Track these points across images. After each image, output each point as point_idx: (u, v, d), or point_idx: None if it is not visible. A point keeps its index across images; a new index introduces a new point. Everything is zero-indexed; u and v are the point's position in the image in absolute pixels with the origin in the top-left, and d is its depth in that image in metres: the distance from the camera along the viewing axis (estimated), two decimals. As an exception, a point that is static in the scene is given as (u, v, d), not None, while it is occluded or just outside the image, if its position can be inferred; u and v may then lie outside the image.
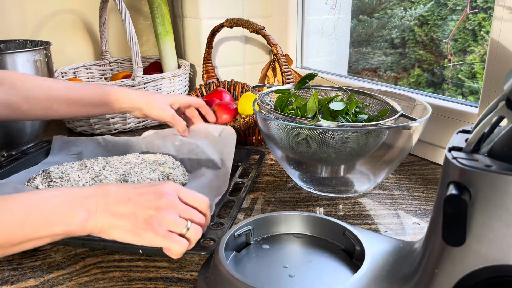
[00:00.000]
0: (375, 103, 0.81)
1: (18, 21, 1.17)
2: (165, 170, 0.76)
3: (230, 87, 1.19)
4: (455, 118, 0.84)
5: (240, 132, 0.97)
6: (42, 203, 0.45)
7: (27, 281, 0.55)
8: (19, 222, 0.43)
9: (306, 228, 0.61)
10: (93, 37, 1.30)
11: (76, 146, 0.90)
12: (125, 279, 0.55)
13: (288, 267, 0.54)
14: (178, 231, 0.51)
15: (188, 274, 0.56)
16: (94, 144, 0.90)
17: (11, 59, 0.86)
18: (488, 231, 0.38)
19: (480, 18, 1.19)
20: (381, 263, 0.50)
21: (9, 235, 0.42)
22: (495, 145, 0.40)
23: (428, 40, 1.34)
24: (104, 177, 0.72)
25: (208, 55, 1.17)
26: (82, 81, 1.11)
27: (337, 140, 0.68)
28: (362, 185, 0.78)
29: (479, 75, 1.20)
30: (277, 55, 0.97)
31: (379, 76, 1.46)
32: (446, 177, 0.40)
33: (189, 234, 0.52)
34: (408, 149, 0.71)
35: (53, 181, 0.72)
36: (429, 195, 0.76)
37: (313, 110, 0.73)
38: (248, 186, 0.74)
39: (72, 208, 0.47)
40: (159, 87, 1.13)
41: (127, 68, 1.35)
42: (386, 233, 0.65)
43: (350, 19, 1.31)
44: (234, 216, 0.65)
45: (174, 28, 1.33)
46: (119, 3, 1.00)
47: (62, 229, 0.46)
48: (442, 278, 0.41)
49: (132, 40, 1.01)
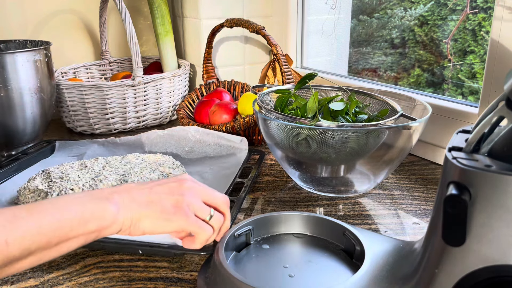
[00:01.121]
0: (375, 103, 0.81)
1: (18, 21, 1.17)
2: (165, 170, 0.76)
3: (230, 87, 1.19)
4: (455, 118, 0.84)
5: (240, 132, 0.97)
6: (72, 203, 0.44)
7: (27, 281, 0.55)
8: (56, 221, 0.42)
9: (306, 228, 0.61)
10: (93, 37, 1.30)
11: (78, 148, 0.93)
12: (125, 279, 0.55)
13: (288, 267, 0.54)
14: (203, 217, 0.51)
15: (188, 274, 0.56)
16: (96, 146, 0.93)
17: (11, 59, 0.86)
18: (488, 231, 0.38)
19: (480, 18, 1.19)
20: (381, 263, 0.50)
21: (49, 234, 0.41)
22: (495, 145, 0.40)
23: (428, 40, 1.34)
24: (104, 177, 0.72)
25: (208, 55, 1.17)
26: (82, 81, 1.11)
27: (337, 140, 0.67)
28: (362, 185, 0.78)
29: (479, 75, 1.20)
30: (277, 55, 0.97)
31: (379, 76, 1.46)
32: (446, 177, 0.40)
33: (213, 222, 0.51)
34: (408, 149, 0.71)
35: (53, 181, 0.71)
36: (429, 195, 0.76)
37: (313, 110, 0.73)
38: (248, 186, 0.74)
39: (101, 204, 0.46)
40: (159, 87, 1.13)
41: (127, 68, 1.35)
42: (386, 233, 0.65)
43: (350, 19, 1.31)
44: (234, 217, 0.65)
45: (174, 28, 1.33)
46: (119, 3, 1.00)
47: (96, 225, 0.45)
48: (442, 278, 0.41)
49: (132, 40, 1.01)
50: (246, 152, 0.86)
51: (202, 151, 0.88)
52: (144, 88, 1.10)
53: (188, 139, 0.90)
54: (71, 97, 1.06)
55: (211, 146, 0.88)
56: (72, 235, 0.43)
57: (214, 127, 0.97)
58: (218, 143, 0.88)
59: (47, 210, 0.42)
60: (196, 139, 0.89)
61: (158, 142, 0.91)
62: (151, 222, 0.49)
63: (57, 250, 0.43)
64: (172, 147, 0.90)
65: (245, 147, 0.86)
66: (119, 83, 1.06)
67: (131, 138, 0.93)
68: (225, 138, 0.88)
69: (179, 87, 1.19)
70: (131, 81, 1.06)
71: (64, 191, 0.69)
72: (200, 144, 0.89)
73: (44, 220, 0.41)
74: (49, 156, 0.90)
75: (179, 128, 0.91)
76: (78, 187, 0.69)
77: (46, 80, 0.94)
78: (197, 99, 1.18)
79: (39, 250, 0.41)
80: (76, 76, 1.24)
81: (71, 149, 0.93)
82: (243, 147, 0.87)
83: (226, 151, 0.87)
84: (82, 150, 0.92)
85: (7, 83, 0.86)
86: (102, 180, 0.71)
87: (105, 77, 1.31)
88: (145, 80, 1.09)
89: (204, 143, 0.89)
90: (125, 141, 0.93)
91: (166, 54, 1.21)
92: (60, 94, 1.06)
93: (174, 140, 0.90)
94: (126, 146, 0.92)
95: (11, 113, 0.88)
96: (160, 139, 0.91)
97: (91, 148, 0.93)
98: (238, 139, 0.88)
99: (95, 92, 1.05)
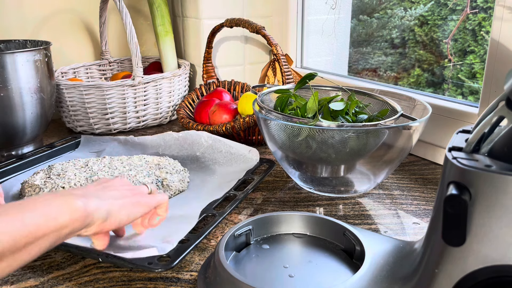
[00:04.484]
0: (375, 103, 0.81)
1: (18, 21, 1.17)
2: (161, 175, 0.75)
3: (230, 87, 1.19)
4: (455, 118, 0.84)
5: (240, 132, 0.97)
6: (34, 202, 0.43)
7: (27, 281, 0.55)
8: (19, 221, 0.40)
9: (306, 228, 0.61)
10: (93, 37, 1.29)
11: (100, 144, 0.96)
12: (125, 279, 0.55)
13: (288, 267, 0.54)
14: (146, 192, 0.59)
15: (188, 274, 0.56)
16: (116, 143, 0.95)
17: (11, 59, 0.85)
18: (488, 231, 0.38)
19: (480, 18, 1.19)
20: (381, 263, 0.50)
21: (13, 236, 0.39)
22: (495, 145, 0.40)
23: (428, 40, 1.34)
24: (97, 177, 0.72)
25: (208, 55, 1.17)
26: (82, 81, 1.11)
27: (337, 140, 0.67)
28: (362, 185, 0.78)
29: (479, 75, 1.20)
30: (277, 55, 0.97)
31: (379, 76, 1.46)
32: (446, 177, 0.40)
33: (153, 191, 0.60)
34: (408, 149, 0.71)
35: (50, 177, 0.72)
36: (429, 195, 0.76)
37: (313, 110, 0.73)
38: (249, 190, 0.74)
39: (67, 199, 0.46)
40: (159, 87, 1.13)
41: (127, 68, 1.34)
42: (386, 233, 0.65)
43: (350, 19, 1.31)
44: (228, 211, 0.66)
45: (174, 28, 1.33)
46: (119, 3, 1.00)
47: (67, 218, 0.44)
48: (442, 278, 0.41)
49: (132, 40, 1.01)
50: (256, 162, 0.84)
51: (213, 158, 0.87)
52: (144, 88, 1.10)
53: (201, 144, 0.89)
54: (71, 97, 1.06)
55: (223, 153, 0.87)
56: (40, 233, 0.42)
57: (214, 127, 0.97)
58: (229, 151, 0.87)
59: (6, 211, 0.41)
60: (208, 144, 0.89)
61: (172, 144, 0.92)
62: (127, 211, 0.53)
63: (27, 252, 0.41)
64: (185, 150, 0.90)
65: (255, 157, 0.84)
66: (119, 83, 1.06)
67: (148, 138, 0.94)
68: (234, 148, 0.87)
69: (179, 87, 1.19)
70: (131, 81, 1.06)
71: (55, 188, 0.69)
72: (212, 150, 0.88)
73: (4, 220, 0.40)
74: (74, 151, 0.95)
75: (193, 132, 0.91)
76: (69, 186, 0.70)
77: (46, 80, 0.93)
78: (197, 99, 1.18)
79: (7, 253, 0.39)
80: (76, 76, 1.24)
81: (94, 144, 0.96)
82: (253, 157, 0.85)
83: (236, 160, 0.85)
84: (103, 147, 0.94)
85: (7, 83, 0.86)
86: (94, 180, 0.72)
87: (105, 77, 1.31)
88: (145, 80, 1.08)
89: (216, 150, 0.88)
90: (142, 141, 0.94)
91: (166, 54, 1.21)
92: (60, 94, 1.06)
93: (188, 144, 0.90)
94: (143, 146, 0.93)
95: (11, 113, 0.88)
96: (174, 141, 0.92)
97: (110, 145, 0.95)
98: (247, 149, 0.86)
99: (95, 92, 1.05)
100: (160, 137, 0.93)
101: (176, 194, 0.75)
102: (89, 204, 0.47)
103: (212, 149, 0.88)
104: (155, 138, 0.94)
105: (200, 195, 0.73)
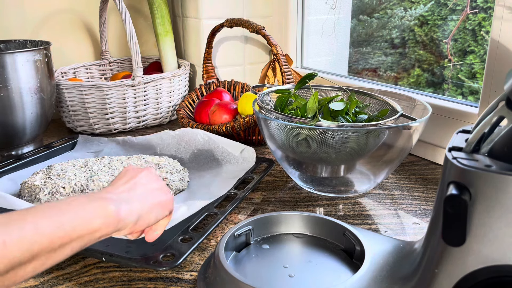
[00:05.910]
0: (375, 103, 0.81)
1: (18, 21, 1.17)
2: (161, 175, 0.75)
3: (230, 87, 1.19)
4: (455, 118, 0.84)
5: (240, 132, 0.97)
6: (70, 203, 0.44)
7: (27, 281, 0.55)
8: (57, 222, 0.41)
9: (306, 228, 0.61)
10: (93, 37, 1.29)
11: (98, 145, 0.95)
12: (125, 279, 0.55)
13: (288, 267, 0.54)
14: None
15: (188, 274, 0.56)
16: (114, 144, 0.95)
17: (11, 59, 0.85)
18: (488, 231, 0.38)
19: (480, 18, 1.19)
20: (381, 263, 0.50)
21: (51, 237, 0.40)
22: (495, 145, 0.40)
23: (428, 40, 1.34)
24: (98, 177, 0.72)
25: (208, 55, 1.17)
26: (82, 81, 1.11)
27: (337, 140, 0.67)
28: (362, 185, 0.78)
29: (479, 75, 1.20)
30: (277, 55, 0.97)
31: (379, 76, 1.46)
32: (446, 177, 0.40)
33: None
34: (408, 149, 0.71)
35: (50, 177, 0.72)
36: (429, 195, 0.76)
37: (313, 110, 0.73)
38: (249, 189, 0.74)
39: (102, 203, 0.46)
40: (159, 87, 1.13)
41: (127, 68, 1.34)
42: (386, 233, 0.65)
43: (350, 19, 1.31)
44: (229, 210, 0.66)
45: (174, 28, 1.33)
46: (119, 3, 1.00)
47: (101, 222, 0.44)
48: (442, 278, 0.41)
49: (132, 40, 1.01)
50: (253, 162, 0.83)
51: (209, 155, 0.87)
52: (144, 88, 1.10)
53: (197, 141, 0.89)
54: (71, 97, 1.06)
55: (219, 148, 0.87)
56: (75, 235, 0.42)
57: (214, 127, 0.97)
58: (226, 149, 0.87)
59: (43, 211, 0.42)
60: (205, 140, 0.89)
61: (170, 143, 0.91)
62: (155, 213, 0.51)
63: (61, 252, 0.42)
64: (182, 149, 0.90)
65: (252, 156, 0.84)
66: (119, 83, 1.06)
67: (146, 138, 0.94)
68: (230, 146, 0.86)
69: (179, 87, 1.19)
70: (131, 81, 1.06)
71: (56, 188, 0.69)
72: (209, 147, 0.88)
73: (41, 221, 0.41)
74: (71, 151, 0.94)
75: (189, 129, 0.91)
76: (70, 186, 0.70)
77: (46, 80, 0.93)
78: (197, 99, 1.18)
79: (42, 253, 0.40)
80: (76, 76, 1.24)
81: (92, 145, 0.96)
82: (250, 156, 0.84)
83: (233, 158, 0.85)
84: (100, 147, 0.94)
85: (7, 83, 0.86)
86: (94, 180, 0.72)
87: (105, 77, 1.31)
88: (145, 80, 1.08)
89: (213, 146, 0.88)
90: (141, 141, 0.94)
91: (166, 54, 1.21)
92: (60, 94, 1.06)
93: (185, 142, 0.90)
94: (141, 146, 0.93)
95: (11, 113, 0.88)
96: (171, 140, 0.91)
97: (109, 145, 0.94)
98: (240, 148, 0.85)
99: (95, 92, 1.05)
100: (157, 136, 0.93)
101: (176, 193, 0.75)
102: (121, 209, 0.47)
103: (209, 145, 0.88)
104: (153, 137, 0.93)
105: (200, 194, 0.74)
